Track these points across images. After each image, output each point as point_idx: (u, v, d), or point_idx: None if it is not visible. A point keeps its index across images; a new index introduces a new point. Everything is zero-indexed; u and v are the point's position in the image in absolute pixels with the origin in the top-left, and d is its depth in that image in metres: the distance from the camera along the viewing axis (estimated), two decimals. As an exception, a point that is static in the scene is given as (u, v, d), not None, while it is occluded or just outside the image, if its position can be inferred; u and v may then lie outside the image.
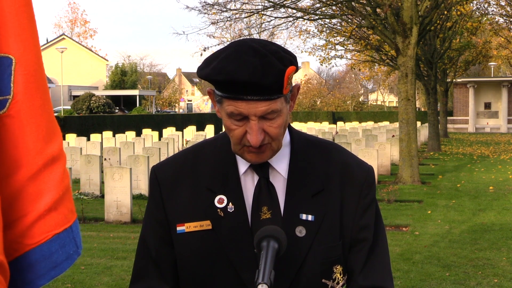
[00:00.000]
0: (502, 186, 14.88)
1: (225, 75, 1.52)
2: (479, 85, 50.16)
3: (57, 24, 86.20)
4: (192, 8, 18.63)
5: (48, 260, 1.55)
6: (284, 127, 1.63)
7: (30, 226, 1.53)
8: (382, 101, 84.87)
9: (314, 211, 1.66)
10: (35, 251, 1.53)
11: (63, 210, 1.57)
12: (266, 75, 1.51)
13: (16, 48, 1.52)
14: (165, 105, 75.06)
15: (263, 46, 1.56)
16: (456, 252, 8.23)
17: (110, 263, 7.73)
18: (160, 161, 1.82)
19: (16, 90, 1.52)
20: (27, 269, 1.54)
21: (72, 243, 1.59)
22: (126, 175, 10.57)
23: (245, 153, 1.63)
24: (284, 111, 1.60)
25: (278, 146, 1.64)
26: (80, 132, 29.27)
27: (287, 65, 1.54)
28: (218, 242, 1.65)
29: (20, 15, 1.54)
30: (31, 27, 1.56)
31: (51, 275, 1.56)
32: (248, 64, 1.51)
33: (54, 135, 1.59)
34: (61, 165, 1.58)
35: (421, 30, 15.83)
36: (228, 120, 1.60)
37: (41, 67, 1.58)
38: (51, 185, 1.55)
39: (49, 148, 1.56)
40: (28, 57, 1.54)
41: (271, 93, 1.54)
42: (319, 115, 55.22)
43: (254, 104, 1.54)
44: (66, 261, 1.58)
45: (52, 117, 1.60)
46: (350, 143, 17.59)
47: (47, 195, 1.54)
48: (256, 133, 1.57)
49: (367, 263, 1.70)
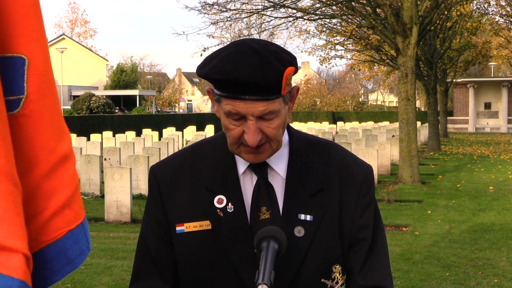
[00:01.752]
0: (502, 186, 14.88)
1: (224, 75, 1.52)
2: (479, 85, 50.16)
3: (57, 24, 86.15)
4: (192, 8, 18.65)
5: (63, 256, 1.57)
6: (283, 128, 1.63)
7: (46, 223, 1.54)
8: (382, 101, 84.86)
9: (313, 211, 1.66)
10: (50, 247, 1.55)
11: (75, 207, 1.59)
12: (265, 75, 1.51)
13: (28, 48, 1.53)
14: (165, 105, 75.07)
15: (263, 46, 1.55)
16: (456, 252, 8.23)
17: (110, 263, 7.73)
18: (159, 161, 1.81)
19: (29, 90, 1.53)
20: (43, 265, 1.55)
21: (84, 238, 1.62)
22: (126, 175, 10.57)
23: (242, 153, 1.63)
24: (282, 112, 1.59)
25: (278, 146, 1.64)
26: (80, 132, 29.28)
27: (286, 66, 1.54)
28: (218, 242, 1.65)
29: (30, 16, 1.54)
30: (40, 27, 1.57)
31: (66, 270, 1.58)
32: (247, 64, 1.51)
33: (64, 134, 1.61)
34: (72, 163, 1.60)
35: (421, 30, 15.84)
36: (226, 120, 1.60)
37: (50, 67, 1.60)
38: (64, 182, 1.57)
39: (61, 147, 1.57)
40: (39, 58, 1.55)
41: (269, 93, 1.54)
42: (319, 115, 55.23)
43: (252, 104, 1.54)
44: (79, 256, 1.60)
45: (61, 116, 1.62)
46: (350, 143, 17.59)
47: (61, 192, 1.56)
48: (253, 133, 1.56)
49: (366, 263, 1.70)
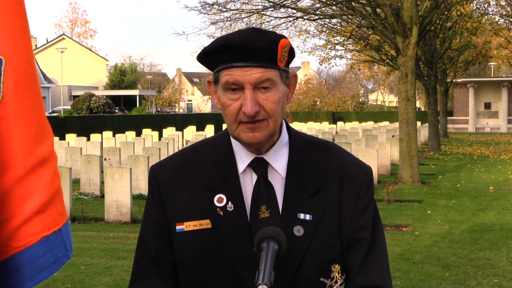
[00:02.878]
0: (502, 186, 14.88)
1: (222, 41, 1.60)
2: (479, 85, 50.14)
3: (57, 24, 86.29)
4: (192, 8, 18.63)
5: (35, 263, 1.52)
6: (282, 108, 1.64)
7: (17, 228, 1.50)
8: (382, 101, 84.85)
9: (312, 210, 1.66)
10: (22, 253, 1.51)
11: (52, 213, 1.54)
12: (260, 40, 1.58)
13: (6, 48, 1.49)
14: (165, 105, 75.04)
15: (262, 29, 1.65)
16: (456, 252, 8.23)
17: (110, 263, 7.73)
18: (159, 161, 1.81)
19: (5, 91, 1.49)
20: (13, 272, 1.50)
21: (62, 245, 1.57)
22: (126, 175, 10.57)
23: (241, 133, 1.63)
24: (280, 88, 1.62)
25: (275, 128, 1.64)
26: (80, 132, 29.28)
27: (281, 38, 1.61)
28: (218, 241, 1.66)
29: (11, 15, 1.51)
30: (22, 26, 1.53)
31: (38, 278, 1.53)
32: (245, 33, 1.61)
33: (44, 137, 1.55)
34: (51, 167, 1.55)
35: (421, 30, 15.83)
36: (224, 96, 1.62)
37: (32, 67, 1.55)
38: (39, 187, 1.52)
39: (39, 150, 1.53)
40: (19, 58, 1.51)
41: (265, 60, 1.59)
42: (319, 115, 55.22)
43: (249, 71, 1.58)
44: (54, 264, 1.55)
45: (43, 118, 1.57)
46: (350, 143, 17.58)
47: (35, 197, 1.51)
48: (250, 102, 1.58)
49: (365, 263, 1.70)
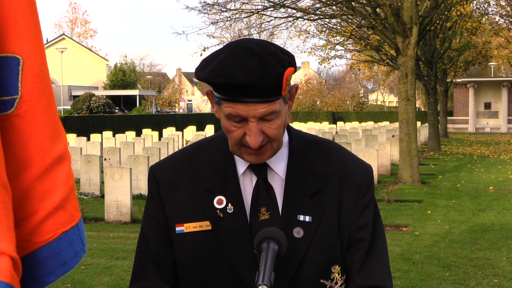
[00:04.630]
0: (502, 186, 14.88)
1: (224, 78, 1.51)
2: (479, 85, 50.15)
3: (57, 24, 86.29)
4: (192, 8, 18.63)
5: (56, 257, 1.56)
6: (283, 127, 1.63)
7: (39, 224, 1.53)
8: (382, 101, 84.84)
9: (311, 212, 1.66)
10: (44, 248, 1.54)
11: (70, 208, 1.58)
12: (264, 78, 1.50)
13: (23, 48, 1.52)
14: (165, 105, 75.07)
15: (261, 47, 1.54)
16: (456, 252, 8.23)
17: (110, 263, 7.73)
18: (158, 161, 1.81)
19: (23, 90, 1.52)
20: (35, 267, 1.54)
21: (79, 240, 1.61)
22: (126, 175, 10.57)
23: (243, 154, 1.62)
24: (283, 112, 1.59)
25: (279, 146, 1.64)
26: (80, 132, 29.27)
27: (286, 67, 1.53)
28: (218, 243, 1.65)
29: (26, 16, 1.54)
30: (36, 27, 1.56)
31: (60, 272, 1.58)
32: (246, 67, 1.50)
33: (59, 135, 1.60)
34: (67, 164, 1.59)
35: (421, 30, 15.83)
36: (227, 122, 1.59)
37: (46, 67, 1.58)
38: (58, 183, 1.56)
39: (55, 147, 1.56)
40: (35, 58, 1.54)
41: (270, 95, 1.54)
42: (319, 115, 55.23)
43: (253, 106, 1.54)
44: (73, 258, 1.60)
45: (57, 117, 1.61)
46: (350, 143, 17.59)
47: (55, 193, 1.55)
48: (255, 135, 1.56)
49: (365, 263, 1.70)
